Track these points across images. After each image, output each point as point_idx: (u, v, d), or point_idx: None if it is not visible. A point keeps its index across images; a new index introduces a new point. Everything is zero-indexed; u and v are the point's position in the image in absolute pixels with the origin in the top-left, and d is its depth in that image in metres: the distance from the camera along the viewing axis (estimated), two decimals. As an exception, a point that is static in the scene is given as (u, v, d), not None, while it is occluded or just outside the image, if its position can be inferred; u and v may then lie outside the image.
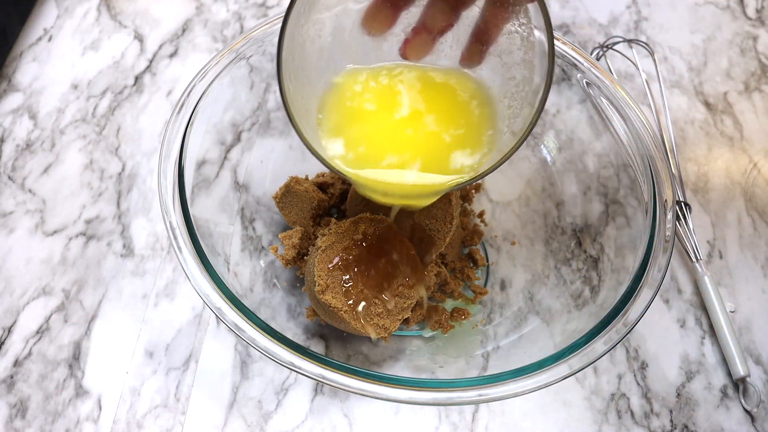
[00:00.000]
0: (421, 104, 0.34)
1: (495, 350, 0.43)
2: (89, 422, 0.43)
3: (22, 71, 0.61)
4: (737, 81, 0.63)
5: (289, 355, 0.34)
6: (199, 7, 0.66)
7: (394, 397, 0.33)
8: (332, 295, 0.40)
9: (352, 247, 0.42)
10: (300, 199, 0.47)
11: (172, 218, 0.38)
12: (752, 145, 0.59)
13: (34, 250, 0.50)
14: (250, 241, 0.47)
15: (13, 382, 0.44)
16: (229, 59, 0.44)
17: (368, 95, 0.34)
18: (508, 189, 0.53)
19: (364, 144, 0.34)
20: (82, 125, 0.57)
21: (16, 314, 0.47)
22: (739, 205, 0.55)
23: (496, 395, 0.34)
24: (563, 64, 0.47)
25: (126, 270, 0.49)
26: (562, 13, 0.68)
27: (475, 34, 0.33)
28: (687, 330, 0.48)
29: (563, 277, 0.46)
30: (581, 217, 0.48)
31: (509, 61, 0.34)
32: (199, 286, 0.36)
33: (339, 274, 0.40)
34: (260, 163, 0.51)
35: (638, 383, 0.46)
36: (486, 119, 0.35)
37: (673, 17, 0.69)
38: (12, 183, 0.53)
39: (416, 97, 0.34)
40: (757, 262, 0.52)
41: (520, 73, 0.34)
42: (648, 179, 0.42)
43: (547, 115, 0.53)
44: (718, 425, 0.44)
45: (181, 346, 0.46)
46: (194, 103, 0.42)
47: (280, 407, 0.44)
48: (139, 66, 0.62)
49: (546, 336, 0.43)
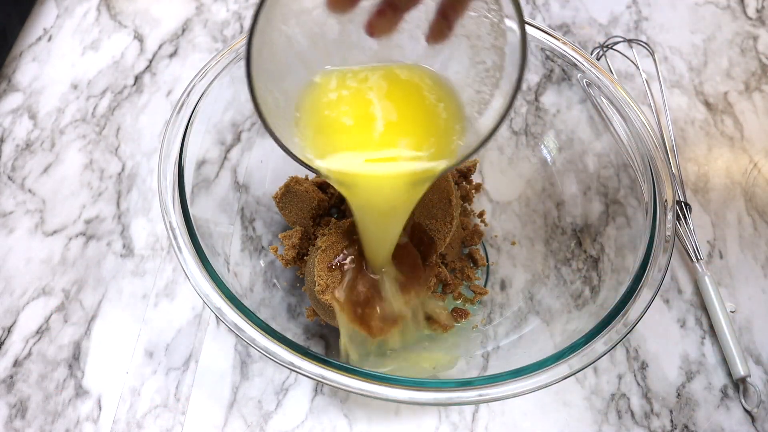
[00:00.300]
0: (392, 105, 0.35)
1: (495, 350, 0.43)
2: (89, 422, 0.43)
3: (22, 71, 0.61)
4: (737, 81, 0.63)
5: (289, 355, 0.34)
6: (199, 6, 0.66)
7: (394, 397, 0.33)
8: (332, 295, 0.39)
9: (352, 247, 0.42)
10: (300, 199, 0.47)
11: (172, 218, 0.38)
12: (752, 145, 0.59)
13: (34, 250, 0.50)
14: (250, 241, 0.47)
15: (13, 382, 0.44)
16: (229, 59, 0.44)
17: (342, 101, 0.34)
18: (508, 189, 0.53)
19: (336, 141, 0.34)
20: (82, 125, 0.57)
21: (16, 314, 0.47)
22: (740, 205, 0.55)
23: (496, 395, 0.33)
24: (563, 64, 0.47)
25: (126, 270, 0.49)
26: (562, 13, 0.68)
27: (440, 10, 0.33)
28: (687, 330, 0.48)
29: (563, 277, 0.46)
30: (581, 217, 0.48)
31: (478, 45, 0.34)
32: (199, 286, 0.36)
33: (339, 274, 0.40)
34: (260, 163, 0.51)
35: (638, 383, 0.46)
36: (453, 113, 0.35)
37: (674, 17, 0.69)
38: (12, 183, 0.53)
39: (386, 99, 0.35)
40: (758, 262, 0.52)
41: (490, 58, 0.33)
42: (648, 179, 0.42)
43: (547, 115, 0.53)
44: (719, 425, 0.44)
45: (181, 346, 0.46)
46: (194, 103, 0.42)
47: (280, 407, 0.44)
48: (139, 66, 0.62)
49: (546, 336, 0.43)
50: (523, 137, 0.54)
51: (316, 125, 0.34)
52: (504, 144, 0.54)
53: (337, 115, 0.34)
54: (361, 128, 0.34)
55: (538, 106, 0.53)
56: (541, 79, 0.52)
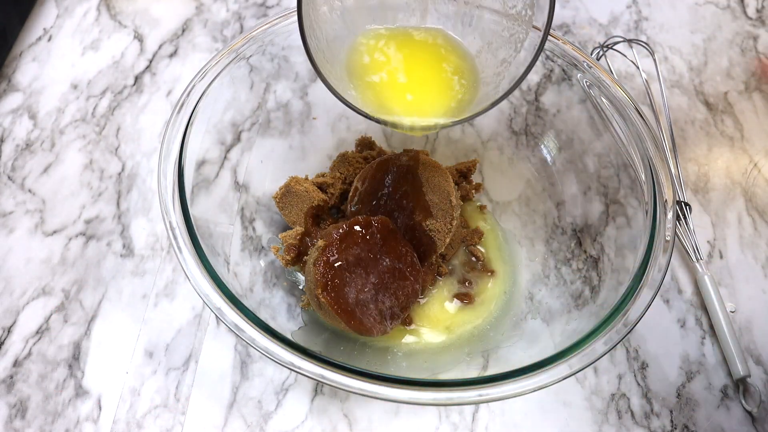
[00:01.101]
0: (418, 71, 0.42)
1: (495, 350, 0.43)
2: (89, 422, 0.43)
3: (22, 71, 0.61)
4: (737, 81, 0.63)
5: (289, 355, 0.34)
6: (199, 7, 0.66)
7: (394, 397, 0.33)
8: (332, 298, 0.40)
9: (351, 246, 0.42)
10: (300, 200, 0.47)
11: (172, 218, 0.38)
12: (752, 145, 0.59)
13: (34, 250, 0.50)
14: (250, 241, 0.47)
15: (13, 382, 0.44)
16: (229, 59, 0.44)
17: (379, 55, 0.42)
18: (508, 189, 0.53)
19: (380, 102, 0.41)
20: (82, 125, 0.57)
21: (16, 314, 0.47)
22: (740, 205, 0.55)
23: (496, 395, 0.33)
24: (563, 64, 0.47)
25: (126, 270, 0.49)
26: (562, 13, 0.68)
27: None
28: (687, 330, 0.48)
29: (563, 277, 0.46)
30: (581, 217, 0.48)
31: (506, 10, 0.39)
32: (199, 286, 0.36)
33: (338, 273, 0.40)
34: (260, 163, 0.51)
35: (638, 383, 0.46)
36: (468, 72, 0.42)
37: (674, 17, 0.69)
38: (12, 183, 0.53)
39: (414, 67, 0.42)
40: (758, 262, 0.52)
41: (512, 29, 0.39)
42: (648, 179, 0.42)
43: (547, 115, 0.53)
44: (719, 425, 0.44)
45: (181, 346, 0.46)
46: (194, 103, 0.42)
47: (280, 407, 0.44)
48: (139, 66, 0.62)
49: (546, 336, 0.43)
50: (523, 137, 0.54)
51: (361, 86, 0.41)
52: (504, 144, 0.54)
53: (378, 80, 0.41)
54: (396, 94, 0.41)
55: (538, 106, 0.53)
56: (541, 79, 0.52)
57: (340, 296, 0.40)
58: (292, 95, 0.54)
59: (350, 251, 0.41)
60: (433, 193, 0.45)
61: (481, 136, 0.55)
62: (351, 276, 0.41)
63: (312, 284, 0.41)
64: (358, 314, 0.40)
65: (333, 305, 0.39)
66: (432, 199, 0.45)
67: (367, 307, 0.40)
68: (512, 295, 0.47)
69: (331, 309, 0.39)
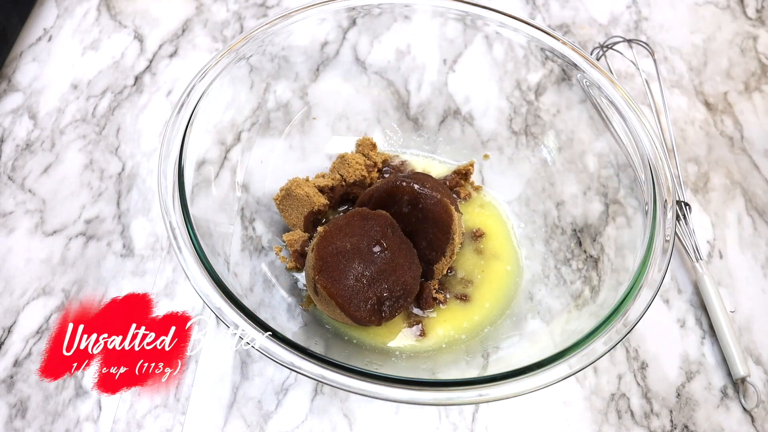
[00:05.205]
0: None
1: (495, 350, 0.43)
2: (89, 422, 0.43)
3: (22, 71, 0.61)
4: (737, 81, 0.63)
5: (289, 355, 0.34)
6: (199, 7, 0.66)
7: (394, 397, 0.33)
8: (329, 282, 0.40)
9: (351, 235, 0.42)
10: (300, 203, 0.47)
11: (172, 218, 0.38)
12: (752, 145, 0.59)
13: (34, 250, 0.50)
14: (250, 241, 0.47)
15: (13, 382, 0.44)
16: (229, 59, 0.44)
17: None
18: (508, 189, 0.53)
19: None
20: (82, 125, 0.57)
21: (16, 314, 0.47)
22: (739, 205, 0.55)
23: (496, 395, 0.33)
24: (563, 64, 0.48)
25: (126, 270, 0.49)
26: (562, 13, 0.68)
27: None
28: (687, 330, 0.48)
29: (563, 277, 0.46)
30: (581, 217, 0.48)
31: None
32: (199, 286, 0.36)
33: (336, 261, 0.41)
34: (260, 163, 0.51)
35: (638, 383, 0.46)
36: None
37: (673, 17, 0.69)
38: (12, 183, 0.53)
39: None
40: (757, 262, 0.52)
41: None
42: (648, 179, 0.42)
43: (547, 115, 0.53)
44: (718, 425, 0.44)
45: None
46: (194, 103, 0.42)
47: (280, 407, 0.44)
48: (139, 66, 0.62)
49: (546, 336, 0.43)
50: (523, 137, 0.54)
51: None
52: (504, 144, 0.54)
53: None
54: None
55: (538, 106, 0.53)
56: (541, 79, 0.52)
57: (336, 280, 0.40)
58: (292, 95, 0.54)
59: (349, 239, 0.42)
60: (435, 228, 0.45)
61: (481, 136, 0.55)
62: (348, 263, 0.41)
63: (310, 270, 0.41)
64: (354, 300, 0.40)
65: (329, 288, 0.39)
66: (434, 232, 0.45)
67: (364, 294, 0.41)
68: (512, 295, 0.47)
69: (326, 293, 0.40)
